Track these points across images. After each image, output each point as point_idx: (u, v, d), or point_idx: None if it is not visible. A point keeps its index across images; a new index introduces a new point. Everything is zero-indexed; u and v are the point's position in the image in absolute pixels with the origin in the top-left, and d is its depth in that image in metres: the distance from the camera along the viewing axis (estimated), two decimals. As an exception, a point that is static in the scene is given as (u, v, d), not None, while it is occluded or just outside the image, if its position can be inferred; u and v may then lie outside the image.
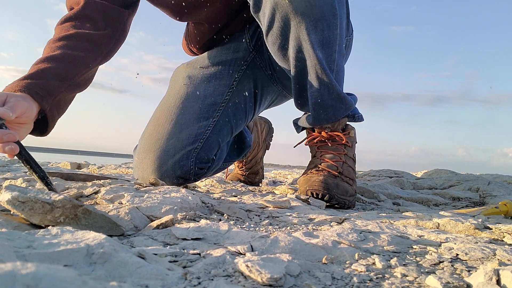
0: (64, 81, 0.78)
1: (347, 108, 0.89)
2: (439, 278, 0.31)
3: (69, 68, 0.80)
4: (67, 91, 0.79)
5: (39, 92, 0.73)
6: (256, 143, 1.39)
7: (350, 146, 0.95)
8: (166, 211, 0.52)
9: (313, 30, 0.77)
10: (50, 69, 0.77)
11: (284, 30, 0.79)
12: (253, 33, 1.04)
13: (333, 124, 0.92)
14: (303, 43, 0.78)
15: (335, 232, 0.45)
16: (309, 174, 0.89)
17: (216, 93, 0.99)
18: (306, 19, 0.76)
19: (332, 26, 0.78)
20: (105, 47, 0.89)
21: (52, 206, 0.40)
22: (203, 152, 0.93)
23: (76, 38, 0.84)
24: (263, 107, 1.13)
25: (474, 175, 1.50)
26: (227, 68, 1.03)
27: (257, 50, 1.04)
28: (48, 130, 0.79)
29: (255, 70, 1.04)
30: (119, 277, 0.26)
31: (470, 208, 0.94)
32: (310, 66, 0.80)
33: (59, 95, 0.77)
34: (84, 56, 0.83)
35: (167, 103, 0.98)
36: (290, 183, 1.56)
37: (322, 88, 0.83)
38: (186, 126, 0.93)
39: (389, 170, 1.67)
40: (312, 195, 0.82)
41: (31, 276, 0.17)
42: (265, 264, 0.30)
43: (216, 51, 1.06)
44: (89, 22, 0.88)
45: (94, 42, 0.86)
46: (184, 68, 1.06)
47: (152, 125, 0.96)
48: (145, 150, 0.92)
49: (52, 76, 0.76)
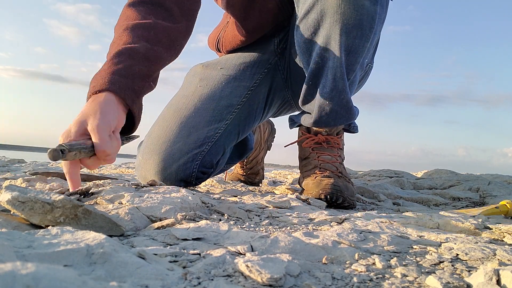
0: (147, 80, 0.75)
1: (349, 118, 0.89)
2: (439, 278, 0.31)
3: (151, 65, 0.76)
4: (148, 89, 0.76)
5: (128, 94, 0.69)
6: (258, 144, 1.39)
7: (342, 149, 0.96)
8: (166, 211, 0.52)
9: (346, 34, 0.76)
10: (135, 65, 0.73)
11: (318, 23, 0.78)
12: (282, 37, 1.02)
13: (331, 129, 0.92)
14: (332, 42, 0.77)
15: (335, 232, 0.45)
16: (316, 176, 0.89)
17: (234, 94, 0.96)
18: (343, 21, 0.75)
19: (364, 37, 0.77)
20: (179, 42, 0.84)
21: (52, 206, 0.40)
22: (209, 157, 0.91)
23: (156, 30, 0.79)
24: (269, 113, 1.11)
25: (474, 175, 1.50)
26: (249, 70, 1.00)
27: (281, 52, 1.03)
28: (133, 130, 0.76)
29: (274, 72, 1.03)
30: (119, 277, 0.26)
31: (470, 208, 0.94)
32: (331, 67, 0.80)
33: (143, 94, 0.74)
34: (164, 53, 0.79)
35: (179, 104, 0.95)
36: (290, 183, 1.56)
37: (334, 92, 0.82)
38: (195, 130, 0.90)
39: (389, 170, 1.67)
40: (326, 198, 0.81)
41: (31, 276, 0.17)
42: (265, 264, 0.30)
43: (241, 51, 1.04)
44: (165, 11, 0.83)
45: (171, 37, 0.82)
46: (201, 69, 1.03)
47: (160, 125, 0.93)
48: (150, 150, 0.90)
49: (138, 74, 0.73)
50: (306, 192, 0.88)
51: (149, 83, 0.76)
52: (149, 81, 0.76)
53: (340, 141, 0.95)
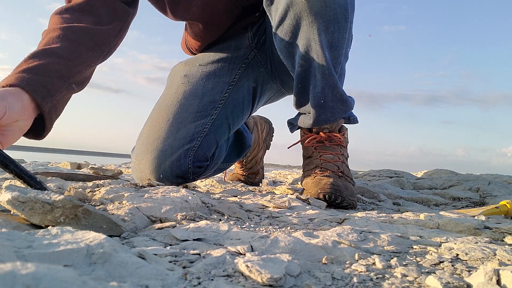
0: (65, 80, 0.73)
1: (346, 109, 0.89)
2: (439, 278, 0.31)
3: (71, 66, 0.74)
4: (67, 91, 0.74)
5: (38, 90, 0.66)
6: (257, 143, 1.39)
7: (345, 146, 0.96)
8: (166, 211, 0.52)
9: (324, 31, 0.77)
10: (51, 64, 0.71)
11: (295, 28, 0.79)
12: (255, 31, 1.03)
13: (331, 125, 0.92)
14: (313, 43, 0.78)
15: (335, 232, 0.45)
16: (316, 176, 0.89)
17: (215, 90, 0.98)
18: (319, 20, 0.76)
19: (342, 29, 0.78)
20: (107, 45, 0.85)
21: (52, 206, 0.40)
22: (201, 151, 0.92)
23: (79, 32, 0.78)
24: (260, 104, 1.12)
25: (474, 175, 1.50)
26: (227, 65, 1.02)
27: (258, 48, 1.04)
28: (44, 133, 0.73)
29: (255, 67, 1.04)
30: (119, 277, 0.26)
31: (470, 208, 0.94)
32: (317, 67, 0.80)
33: (58, 94, 0.71)
34: (86, 53, 0.79)
35: (164, 103, 0.97)
36: (290, 183, 1.56)
37: (326, 89, 0.83)
38: (183, 125, 0.91)
39: (389, 170, 1.67)
40: (325, 198, 0.81)
41: (31, 276, 0.17)
42: (265, 264, 0.30)
43: (216, 48, 1.05)
44: (93, 15, 0.83)
45: (97, 38, 0.82)
46: (182, 67, 1.05)
47: (149, 125, 0.94)
48: (142, 151, 0.91)
49: (53, 73, 0.70)
50: (306, 191, 0.88)
51: (68, 84, 0.74)
52: (68, 82, 0.73)
53: (343, 139, 0.95)
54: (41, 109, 0.68)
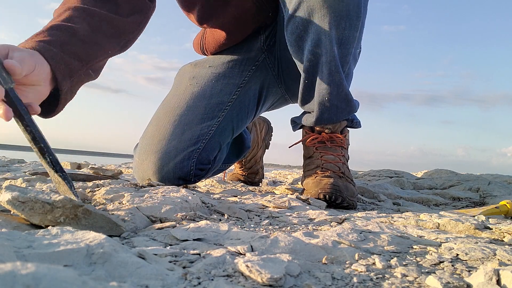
0: (83, 64, 0.70)
1: (350, 111, 0.89)
2: (439, 278, 0.31)
3: (90, 51, 0.72)
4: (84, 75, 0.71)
5: (61, 68, 0.63)
6: (255, 143, 1.39)
7: (346, 148, 0.96)
8: (166, 211, 0.52)
9: (335, 26, 0.76)
10: (71, 45, 0.67)
11: (307, 20, 0.78)
12: (268, 34, 1.03)
13: (334, 126, 0.92)
14: (323, 37, 0.78)
15: (335, 232, 0.45)
16: (317, 176, 0.89)
17: (224, 92, 0.98)
18: (332, 14, 0.75)
19: (353, 27, 0.78)
20: (125, 36, 0.82)
21: (52, 206, 0.40)
22: (205, 153, 0.92)
23: (98, 18, 0.75)
24: (263, 109, 1.12)
25: (474, 175, 1.50)
26: (237, 67, 1.02)
27: (269, 50, 1.04)
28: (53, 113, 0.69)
29: (263, 70, 1.04)
30: (119, 277, 0.26)
31: (470, 208, 0.94)
32: (325, 62, 0.80)
33: (77, 77, 0.69)
34: (105, 41, 0.76)
35: (171, 103, 0.96)
36: (290, 183, 1.56)
37: (332, 86, 0.82)
38: (189, 127, 0.91)
39: (389, 170, 1.67)
40: (325, 198, 0.81)
41: (31, 276, 0.17)
42: (265, 264, 0.30)
43: (227, 50, 1.05)
44: (113, 5, 0.80)
45: (116, 28, 0.79)
46: (191, 68, 1.04)
47: (154, 125, 0.94)
48: (146, 151, 0.90)
49: (73, 54, 0.67)
50: (306, 191, 0.88)
51: (87, 69, 0.71)
52: (87, 67, 0.71)
53: (345, 140, 0.95)
54: (59, 87, 0.65)
